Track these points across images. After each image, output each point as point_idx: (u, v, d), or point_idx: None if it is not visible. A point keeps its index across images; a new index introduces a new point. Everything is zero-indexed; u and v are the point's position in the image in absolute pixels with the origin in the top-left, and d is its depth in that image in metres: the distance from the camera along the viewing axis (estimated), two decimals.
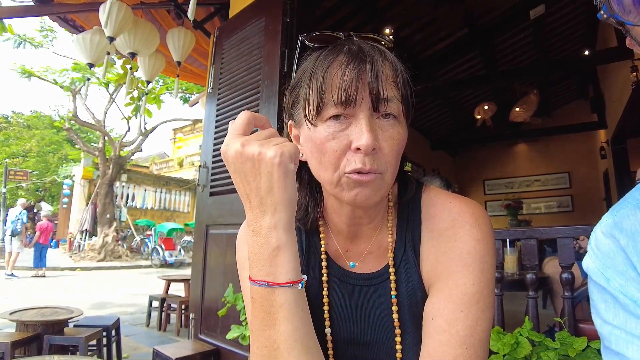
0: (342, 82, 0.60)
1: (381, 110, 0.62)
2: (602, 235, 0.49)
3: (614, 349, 0.43)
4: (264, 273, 0.56)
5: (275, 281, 0.55)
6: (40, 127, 24.95)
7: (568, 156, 10.48)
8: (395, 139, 0.63)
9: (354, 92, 0.60)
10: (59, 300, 6.65)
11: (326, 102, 0.61)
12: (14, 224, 9.99)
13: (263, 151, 0.55)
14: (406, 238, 0.72)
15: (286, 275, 0.55)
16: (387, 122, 0.63)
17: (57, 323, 3.10)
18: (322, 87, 0.61)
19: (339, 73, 0.61)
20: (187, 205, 20.01)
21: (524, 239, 2.05)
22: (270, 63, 2.60)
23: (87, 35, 3.36)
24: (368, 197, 0.62)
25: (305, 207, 0.76)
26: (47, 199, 24.97)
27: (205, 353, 2.60)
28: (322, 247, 0.77)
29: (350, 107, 0.60)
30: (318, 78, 0.62)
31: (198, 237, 3.02)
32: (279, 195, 0.56)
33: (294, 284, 0.55)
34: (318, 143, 0.63)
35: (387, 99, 0.61)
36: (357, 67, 0.60)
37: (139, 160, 27.15)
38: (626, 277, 0.44)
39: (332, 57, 0.63)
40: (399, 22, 5.46)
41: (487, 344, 0.62)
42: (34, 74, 14.61)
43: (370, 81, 0.60)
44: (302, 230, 0.78)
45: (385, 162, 0.62)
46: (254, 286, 0.57)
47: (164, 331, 4.90)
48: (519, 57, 7.62)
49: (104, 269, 12.70)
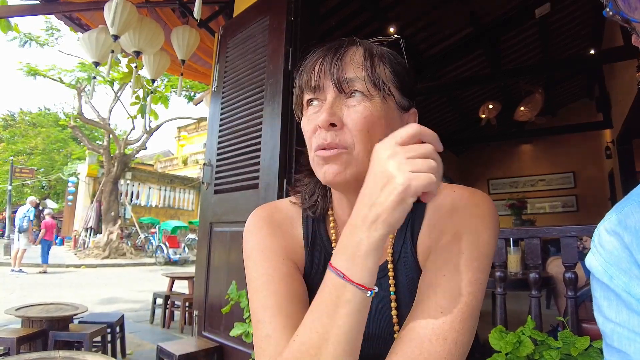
0: (309, 72, 0.70)
1: (346, 90, 0.67)
2: (605, 233, 0.49)
3: (616, 347, 0.43)
4: (345, 266, 0.56)
5: (351, 278, 0.56)
6: (45, 125, 25.10)
7: (573, 156, 10.43)
8: (360, 113, 0.66)
9: (317, 77, 0.68)
10: (64, 296, 6.70)
11: (302, 93, 0.72)
12: (21, 221, 10.09)
13: (396, 173, 0.54)
14: (406, 231, 0.74)
15: (362, 278, 0.56)
16: (354, 99, 0.67)
17: (62, 319, 3.13)
18: (300, 80, 0.72)
19: (313, 64, 0.70)
20: (191, 203, 20.09)
21: (527, 238, 2.05)
22: (274, 61, 2.61)
23: (93, 33, 3.38)
24: (336, 172, 0.66)
25: (317, 196, 0.80)
26: (52, 197, 25.15)
27: (208, 350, 2.62)
28: (333, 237, 0.79)
29: (319, 92, 0.69)
30: (300, 73, 0.73)
31: (202, 234, 3.04)
32: (385, 216, 0.55)
33: (365, 288, 0.56)
34: (303, 130, 0.73)
35: (349, 80, 0.67)
36: (320, 57, 0.70)
37: (143, 158, 27.29)
38: (630, 275, 0.44)
39: (312, 54, 0.73)
40: (403, 20, 5.44)
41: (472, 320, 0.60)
42: (40, 72, 14.68)
43: (330, 66, 0.67)
44: (309, 220, 0.80)
45: (352, 136, 0.66)
46: (332, 273, 0.57)
47: (168, 328, 4.93)
48: (524, 56, 7.59)
49: (109, 266, 12.77)
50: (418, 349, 0.56)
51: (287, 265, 0.74)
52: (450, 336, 0.56)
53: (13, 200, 17.96)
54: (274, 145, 2.48)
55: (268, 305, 0.68)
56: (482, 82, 7.43)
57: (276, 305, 0.67)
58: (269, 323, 0.66)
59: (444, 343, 0.56)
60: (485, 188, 11.64)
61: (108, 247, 14.26)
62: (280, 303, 0.68)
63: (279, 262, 0.73)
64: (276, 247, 0.75)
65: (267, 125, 2.57)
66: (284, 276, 0.72)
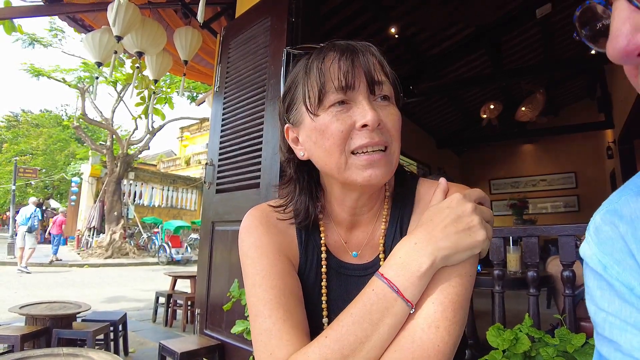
0: (340, 70, 0.67)
1: (377, 93, 0.69)
2: (601, 221, 0.48)
3: (607, 337, 0.43)
4: (400, 281, 0.60)
5: (404, 293, 0.59)
6: (47, 126, 25.19)
7: (574, 156, 10.42)
8: (394, 115, 0.70)
9: (352, 77, 0.67)
10: (67, 295, 6.75)
11: (327, 90, 0.68)
12: (31, 221, 10.20)
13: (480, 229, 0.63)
14: (396, 226, 0.76)
15: (412, 295, 0.60)
16: (383, 103, 0.70)
17: (65, 317, 3.16)
18: (321, 78, 0.68)
19: (335, 63, 0.68)
20: (193, 203, 20.12)
21: (525, 237, 2.07)
22: (276, 62, 2.63)
23: (96, 34, 3.41)
24: (382, 175, 0.68)
25: (305, 210, 0.79)
26: (55, 197, 25.24)
27: (210, 347, 2.64)
28: (322, 240, 0.80)
29: (350, 92, 0.68)
30: (314, 72, 0.70)
31: (204, 233, 3.06)
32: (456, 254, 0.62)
33: (411, 306, 0.60)
34: (323, 129, 0.68)
35: (381, 82, 0.69)
36: (350, 57, 0.68)
37: (146, 158, 27.33)
38: (624, 265, 0.43)
39: (323, 54, 0.70)
40: (405, 20, 5.46)
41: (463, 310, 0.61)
42: (43, 72, 14.74)
43: (364, 67, 0.68)
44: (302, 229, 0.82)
45: (390, 136, 0.69)
46: (383, 283, 0.61)
47: (170, 327, 4.96)
48: (526, 56, 7.59)
49: (112, 266, 12.81)
50: (411, 337, 0.58)
51: (283, 262, 0.75)
52: (442, 324, 0.58)
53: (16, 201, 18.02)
54: (275, 145, 2.50)
55: (267, 300, 0.69)
56: (484, 82, 7.43)
57: (275, 300, 0.68)
58: (269, 317, 0.67)
59: (436, 331, 0.58)
60: (487, 188, 11.63)
61: (111, 247, 14.30)
62: (278, 298, 0.69)
63: (275, 259, 0.74)
64: (272, 245, 0.76)
65: (268, 125, 2.59)
66: (281, 272, 0.73)
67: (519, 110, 7.48)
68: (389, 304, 0.59)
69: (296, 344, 0.64)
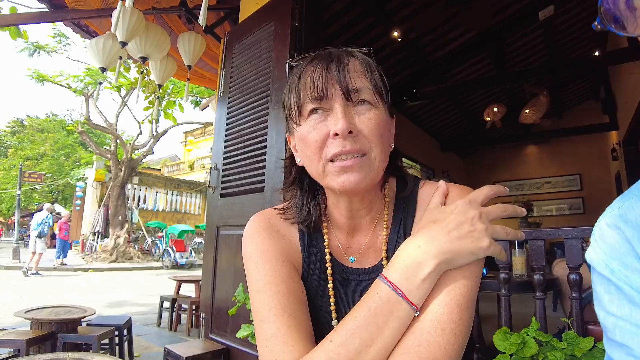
0: (313, 80, 0.69)
1: (354, 99, 0.69)
2: (606, 226, 0.49)
3: (619, 341, 0.43)
4: (404, 284, 0.60)
5: (407, 296, 0.59)
6: (52, 131, 25.34)
7: (579, 158, 10.38)
8: (372, 120, 0.69)
9: (324, 86, 0.68)
10: (72, 299, 6.76)
11: (303, 100, 0.71)
12: (41, 227, 10.62)
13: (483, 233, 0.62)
14: (399, 229, 0.76)
15: (417, 299, 0.60)
16: (363, 107, 0.69)
17: (70, 322, 3.16)
18: (298, 89, 0.72)
19: (310, 73, 0.70)
20: (197, 207, 20.18)
21: (531, 240, 2.06)
22: (279, 67, 2.64)
23: (100, 40, 3.43)
24: (356, 181, 0.67)
25: (307, 211, 0.80)
26: (60, 201, 25.35)
27: (215, 352, 2.64)
28: (326, 242, 0.80)
29: (325, 101, 0.69)
30: (295, 83, 0.73)
31: (209, 237, 3.07)
32: (459, 258, 0.62)
33: (417, 309, 0.60)
34: (303, 138, 0.71)
35: (357, 89, 0.69)
36: (324, 66, 0.70)
37: (150, 162, 27.47)
38: (631, 268, 0.44)
39: (306, 64, 0.73)
40: (407, 24, 5.47)
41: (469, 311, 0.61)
42: (48, 78, 14.83)
43: (337, 75, 0.68)
44: (304, 231, 0.82)
45: (368, 142, 0.68)
46: (386, 286, 0.61)
47: (175, 331, 4.96)
48: (529, 59, 7.59)
49: (116, 270, 12.84)
50: (417, 340, 0.58)
51: (286, 267, 0.75)
52: (448, 327, 0.58)
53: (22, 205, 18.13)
54: (279, 149, 2.51)
55: (272, 305, 0.69)
56: (487, 84, 7.42)
57: (279, 305, 0.69)
58: (274, 322, 0.67)
59: (442, 333, 0.58)
60: None
61: (115, 251, 14.34)
62: (283, 303, 0.69)
63: (279, 264, 0.75)
64: (275, 250, 0.77)
65: (272, 129, 2.60)
66: (285, 277, 0.73)
67: (523, 112, 7.46)
68: (394, 308, 0.59)
69: (301, 349, 0.64)
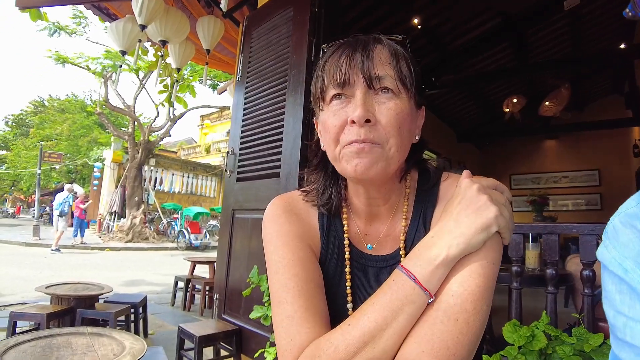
0: (337, 66, 0.70)
1: (376, 87, 0.69)
2: (620, 225, 0.48)
3: (629, 341, 0.42)
4: (418, 271, 0.62)
5: (421, 282, 0.61)
6: (72, 112, 25.72)
7: (598, 153, 10.16)
8: (392, 110, 0.68)
9: (347, 73, 0.69)
10: (90, 277, 6.94)
11: (326, 86, 0.72)
12: (61, 207, 11.19)
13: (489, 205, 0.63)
14: (419, 220, 0.77)
15: (431, 284, 0.61)
16: (385, 96, 0.69)
17: (89, 298, 3.27)
18: (322, 75, 0.73)
19: (335, 59, 0.71)
20: (213, 190, 20.36)
21: (545, 234, 2.05)
22: (297, 52, 2.64)
23: (120, 23, 3.46)
24: (367, 166, 0.68)
25: (329, 194, 0.82)
26: (78, 181, 25.84)
27: (227, 332, 2.70)
28: (345, 228, 0.82)
29: (347, 87, 0.69)
30: (320, 69, 0.74)
31: (224, 220, 3.11)
32: (469, 236, 0.62)
33: (430, 296, 0.61)
34: (323, 123, 0.73)
35: (380, 77, 0.69)
36: (349, 53, 0.70)
37: (167, 145, 27.74)
38: None
39: (332, 50, 0.74)
40: (425, 12, 5.38)
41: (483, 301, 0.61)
42: (68, 60, 14.97)
43: (361, 62, 0.68)
44: (324, 214, 0.84)
45: (385, 133, 0.68)
46: (403, 274, 0.63)
47: (188, 311, 5.07)
48: (552, 49, 7.40)
49: (132, 250, 13.11)
50: (430, 330, 0.59)
51: (305, 251, 0.77)
52: (461, 317, 0.59)
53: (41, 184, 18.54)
54: (296, 135, 2.52)
55: (290, 287, 0.71)
56: (508, 75, 7.28)
57: (297, 288, 0.70)
58: (291, 304, 0.69)
59: (455, 323, 0.59)
60: (508, 183, 11.46)
61: (131, 231, 14.61)
62: (300, 286, 0.71)
63: (298, 247, 0.76)
64: (294, 234, 0.78)
65: (289, 115, 2.61)
66: (303, 260, 0.75)
67: (543, 104, 7.31)
68: (408, 292, 0.61)
69: (317, 331, 0.66)
